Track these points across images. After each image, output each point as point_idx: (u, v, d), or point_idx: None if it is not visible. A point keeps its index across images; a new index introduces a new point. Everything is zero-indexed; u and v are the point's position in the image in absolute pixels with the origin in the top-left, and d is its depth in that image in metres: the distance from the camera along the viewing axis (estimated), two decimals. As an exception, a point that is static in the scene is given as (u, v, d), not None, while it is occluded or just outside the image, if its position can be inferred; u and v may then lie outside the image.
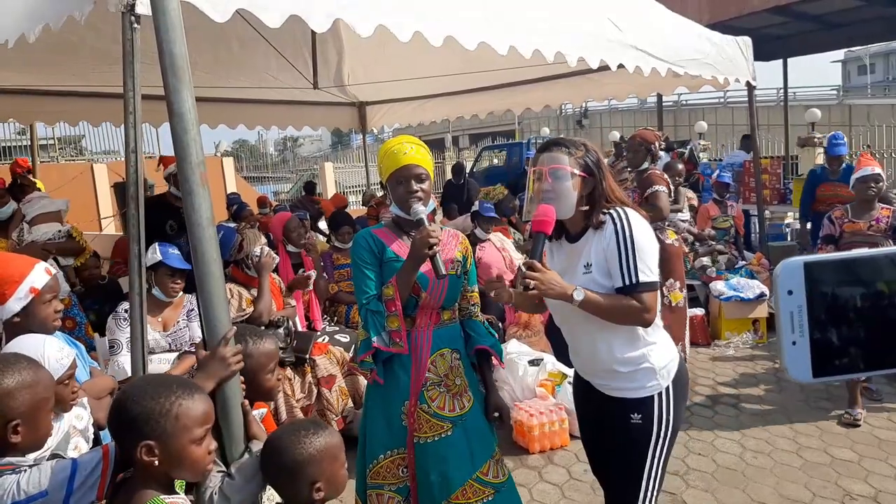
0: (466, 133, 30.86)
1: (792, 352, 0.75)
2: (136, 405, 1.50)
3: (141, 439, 1.49)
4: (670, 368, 2.22)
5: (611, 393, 2.26)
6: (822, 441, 4.10)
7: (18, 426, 1.56)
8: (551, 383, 4.46)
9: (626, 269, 2.08)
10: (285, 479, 1.74)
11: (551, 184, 2.13)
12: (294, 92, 7.14)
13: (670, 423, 2.21)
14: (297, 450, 1.71)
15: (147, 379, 1.59)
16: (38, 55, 4.07)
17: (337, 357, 4.25)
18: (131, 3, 2.68)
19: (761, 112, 8.44)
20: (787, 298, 0.75)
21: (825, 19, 11.09)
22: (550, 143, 2.23)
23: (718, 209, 7.46)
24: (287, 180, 24.43)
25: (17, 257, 2.46)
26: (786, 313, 0.75)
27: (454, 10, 3.59)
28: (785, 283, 0.75)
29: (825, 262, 0.75)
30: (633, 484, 2.23)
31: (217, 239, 1.81)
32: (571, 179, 2.13)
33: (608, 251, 2.12)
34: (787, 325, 0.75)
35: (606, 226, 2.14)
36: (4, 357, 1.64)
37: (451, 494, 2.40)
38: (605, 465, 2.42)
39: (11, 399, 1.55)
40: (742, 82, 6.01)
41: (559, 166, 2.13)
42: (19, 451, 1.58)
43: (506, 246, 5.92)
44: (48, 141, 16.10)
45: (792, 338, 0.75)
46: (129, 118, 2.78)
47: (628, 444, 2.23)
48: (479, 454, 2.45)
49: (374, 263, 2.41)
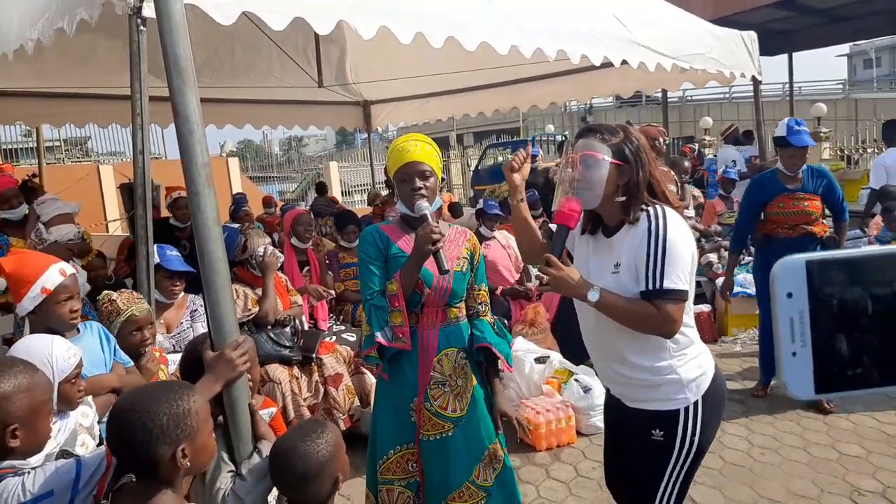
0: (471, 131, 30.83)
1: (791, 364, 0.66)
2: (157, 415, 1.48)
3: (176, 445, 1.48)
4: (701, 383, 2.03)
5: (631, 403, 2.12)
6: (829, 437, 4.09)
7: (17, 430, 1.55)
8: (558, 381, 4.46)
9: (651, 274, 1.90)
10: (310, 483, 1.75)
11: (582, 172, 1.98)
12: (300, 91, 7.18)
13: (695, 443, 2.02)
14: (320, 452, 1.75)
15: (143, 391, 1.57)
16: (47, 58, 4.10)
17: (343, 356, 4.26)
18: (138, 6, 2.70)
19: (767, 107, 8.33)
20: (787, 302, 0.66)
21: (830, 13, 11.05)
22: (586, 130, 2.07)
23: (724, 205, 7.45)
24: (292, 180, 24.46)
25: (33, 258, 2.51)
26: (785, 320, 0.66)
27: (455, 11, 3.60)
28: (784, 284, 0.66)
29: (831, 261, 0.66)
30: (645, 500, 2.11)
31: (223, 239, 1.82)
32: (605, 168, 1.97)
33: (637, 251, 1.94)
34: (786, 334, 0.66)
35: (640, 223, 1.97)
36: (1, 362, 1.64)
37: (449, 495, 2.42)
38: (617, 477, 2.33)
39: (9, 403, 1.55)
40: (748, 77, 5.98)
41: (591, 153, 1.97)
42: (19, 454, 1.58)
43: (511, 243, 5.92)
44: (54, 143, 16.18)
45: (792, 348, 0.66)
46: (137, 119, 2.81)
47: (645, 460, 2.09)
48: (475, 457, 2.46)
49: (380, 259, 2.42)
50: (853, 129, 19.62)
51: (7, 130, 14.41)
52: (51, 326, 2.38)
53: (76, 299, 2.44)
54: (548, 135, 21.82)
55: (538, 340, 5.01)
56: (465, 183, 20.00)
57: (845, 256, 0.66)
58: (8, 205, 4.70)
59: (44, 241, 4.35)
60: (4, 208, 4.70)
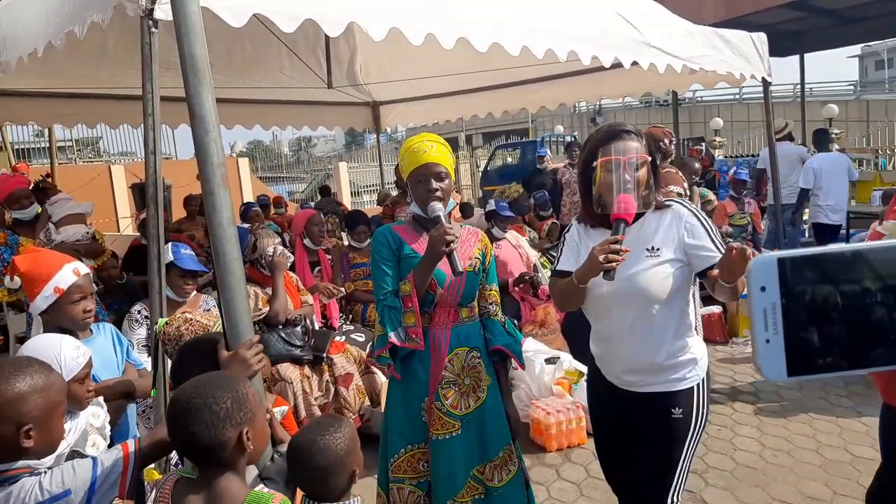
0: (479, 132, 30.82)
1: (765, 350, 0.73)
2: (222, 399, 1.52)
3: (241, 427, 1.53)
4: (704, 359, 2.25)
5: (650, 389, 2.21)
6: (842, 439, 4.07)
7: (31, 430, 1.54)
8: (568, 381, 4.45)
9: (717, 242, 2.10)
10: (330, 476, 1.79)
11: (631, 173, 2.07)
12: (309, 92, 7.20)
13: (706, 415, 2.22)
14: (338, 446, 1.80)
15: (202, 380, 1.58)
16: (59, 60, 4.13)
17: (354, 356, 4.27)
18: (150, 8, 2.72)
19: (777, 108, 8.34)
20: (760, 295, 0.73)
21: (842, 14, 10.97)
22: (620, 132, 2.14)
23: (735, 206, 7.42)
24: (302, 180, 24.54)
25: (47, 257, 2.52)
26: (759, 310, 0.73)
27: (466, 12, 3.60)
28: (758, 279, 0.73)
29: (799, 258, 0.73)
30: (663, 480, 2.21)
31: (237, 239, 1.83)
32: (645, 166, 2.11)
33: (691, 231, 2.12)
34: (760, 323, 0.73)
35: (673, 208, 2.18)
36: (17, 361, 1.64)
37: (457, 494, 2.42)
38: (625, 467, 2.37)
39: (24, 404, 1.54)
40: (758, 79, 5.96)
41: (637, 155, 2.09)
42: (33, 455, 1.57)
43: (521, 244, 5.93)
44: (66, 143, 16.29)
45: (765, 335, 0.73)
46: (149, 120, 2.81)
47: (666, 439, 2.20)
48: (479, 453, 2.46)
49: (392, 260, 2.43)
50: (865, 131, 19.53)
51: (19, 130, 14.52)
52: (63, 326, 2.39)
53: (89, 299, 2.45)
54: (557, 135, 21.81)
55: (548, 341, 5.01)
56: (474, 184, 20.01)
57: (812, 254, 0.73)
58: (18, 205, 4.73)
59: (52, 241, 4.38)
60: (15, 208, 4.73)
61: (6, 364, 1.61)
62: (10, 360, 1.70)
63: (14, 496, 1.50)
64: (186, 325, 2.38)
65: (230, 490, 1.53)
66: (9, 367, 1.57)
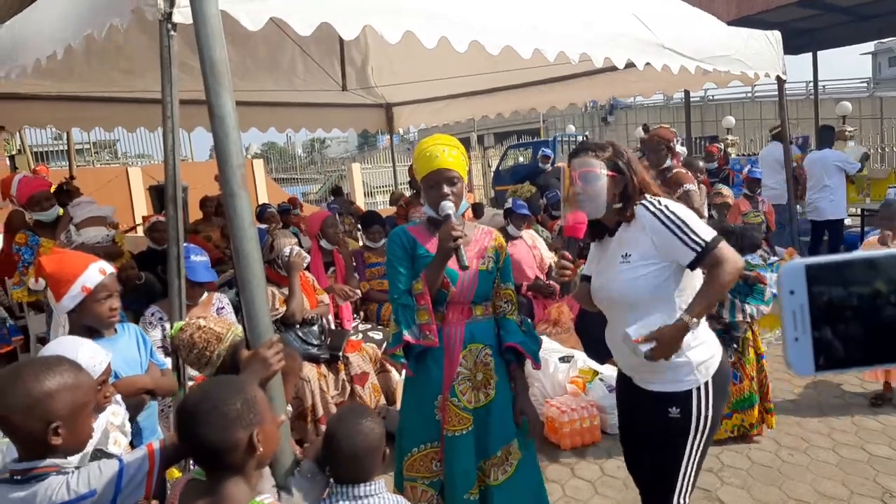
0: (491, 132, 30.77)
1: (795, 348, 0.79)
2: (232, 401, 1.54)
3: (251, 429, 1.55)
4: (710, 365, 2.24)
5: (649, 387, 2.29)
6: (858, 437, 4.05)
7: (59, 428, 1.55)
8: (582, 380, 4.46)
9: (688, 241, 2.11)
10: (368, 458, 1.91)
11: (582, 187, 2.23)
12: (323, 94, 7.24)
13: (709, 418, 2.23)
14: (375, 430, 1.95)
15: (211, 384, 1.62)
16: (78, 64, 4.18)
17: (370, 354, 4.30)
18: (168, 12, 2.76)
19: (790, 106, 8.36)
20: (790, 298, 0.79)
21: (856, 11, 10.88)
22: (578, 150, 2.32)
23: (749, 204, 7.38)
24: (315, 181, 24.60)
25: (73, 257, 2.56)
26: (788, 312, 0.79)
27: (479, 15, 3.62)
28: (787, 283, 0.79)
29: (824, 265, 0.79)
30: (668, 479, 2.27)
31: (258, 240, 1.86)
32: (602, 180, 2.22)
33: (655, 235, 2.16)
34: (790, 323, 0.79)
35: (640, 214, 2.21)
36: (46, 359, 1.65)
37: (471, 489, 2.45)
38: (640, 461, 2.45)
39: (53, 401, 1.54)
40: (772, 77, 5.94)
41: (588, 169, 2.23)
42: (60, 453, 1.58)
43: (537, 243, 5.93)
44: (84, 145, 16.45)
45: (795, 334, 0.79)
46: (167, 122, 2.86)
47: (667, 438, 2.26)
48: (483, 449, 2.49)
49: (406, 259, 2.47)
50: (878, 128, 19.34)
51: (38, 133, 14.68)
52: (90, 325, 2.44)
53: (115, 298, 2.49)
54: (568, 135, 21.74)
55: (562, 340, 5.02)
56: (486, 183, 20.00)
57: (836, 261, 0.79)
58: (40, 207, 4.79)
59: (72, 243, 4.43)
60: (36, 210, 4.80)
61: (36, 362, 1.63)
62: (40, 358, 1.72)
63: (41, 495, 1.52)
64: (199, 332, 2.25)
65: (236, 495, 1.54)
66: (39, 365, 1.60)
